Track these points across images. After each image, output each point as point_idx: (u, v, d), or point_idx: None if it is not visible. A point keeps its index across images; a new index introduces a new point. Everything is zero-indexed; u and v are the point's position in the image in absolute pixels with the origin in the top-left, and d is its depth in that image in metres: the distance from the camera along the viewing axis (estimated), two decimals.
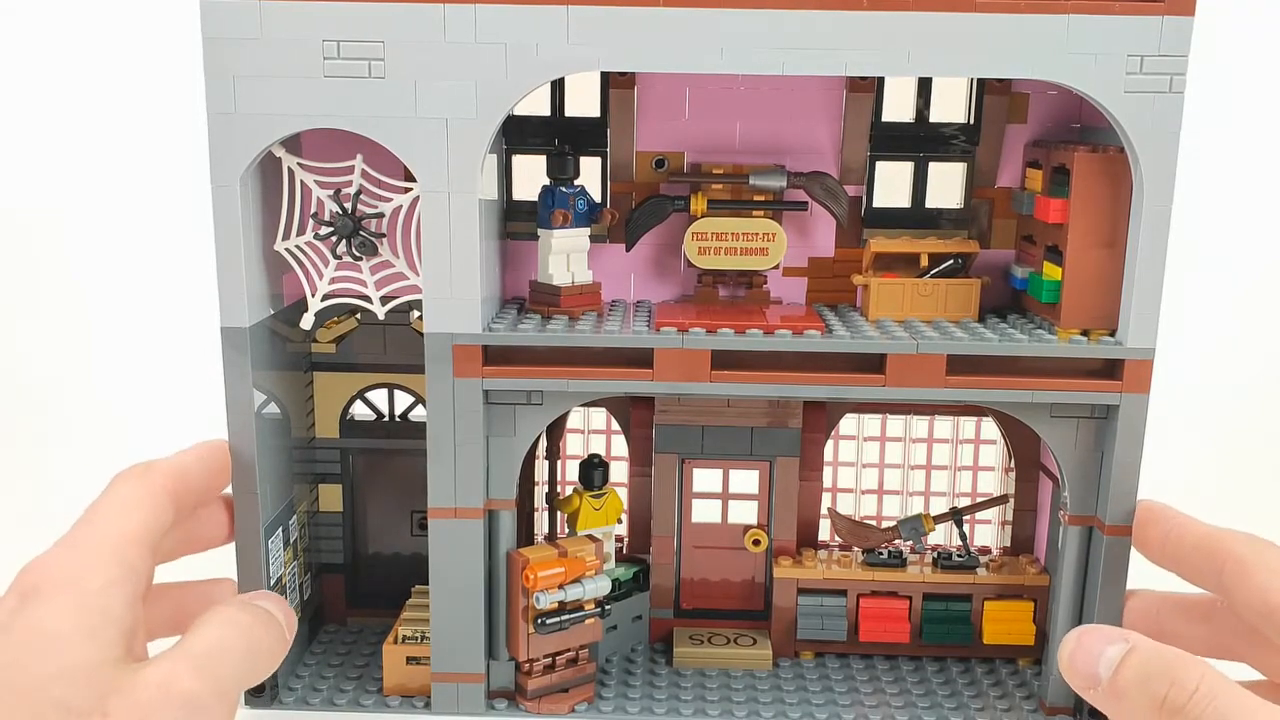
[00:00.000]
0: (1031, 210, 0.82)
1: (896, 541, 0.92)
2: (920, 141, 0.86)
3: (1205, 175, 1.23)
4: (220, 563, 0.81)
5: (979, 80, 0.84)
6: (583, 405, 0.88)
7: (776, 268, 0.87)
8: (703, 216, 0.85)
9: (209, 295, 0.76)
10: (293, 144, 0.77)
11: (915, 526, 0.91)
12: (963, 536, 0.91)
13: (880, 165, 0.86)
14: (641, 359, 0.76)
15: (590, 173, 0.86)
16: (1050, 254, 0.80)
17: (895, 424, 0.95)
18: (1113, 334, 0.77)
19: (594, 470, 0.87)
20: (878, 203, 0.87)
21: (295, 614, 0.63)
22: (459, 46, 0.70)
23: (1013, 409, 0.78)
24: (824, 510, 0.93)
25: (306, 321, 0.80)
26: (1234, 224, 1.45)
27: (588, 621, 0.81)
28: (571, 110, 0.86)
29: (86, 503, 0.67)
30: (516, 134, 0.85)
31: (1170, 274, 0.74)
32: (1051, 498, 0.88)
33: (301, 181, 0.77)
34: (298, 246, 0.78)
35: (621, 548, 0.95)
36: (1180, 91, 0.70)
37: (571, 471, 0.93)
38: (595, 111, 0.86)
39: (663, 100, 0.85)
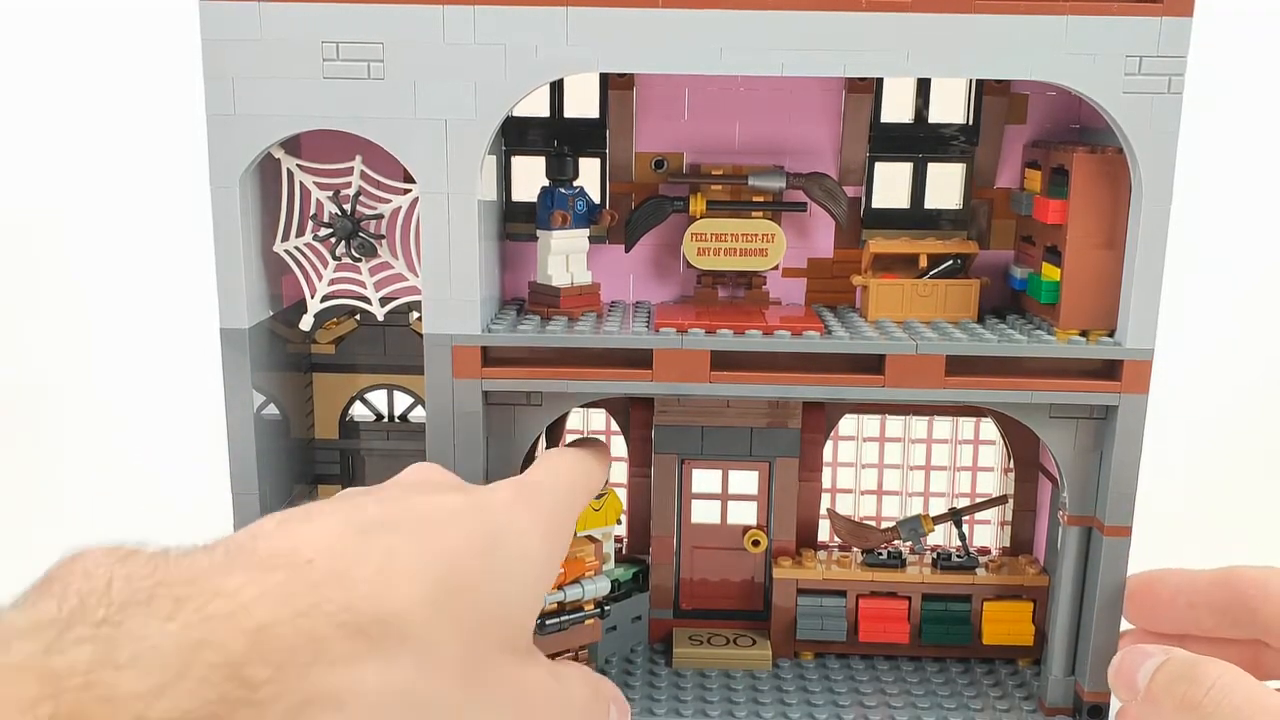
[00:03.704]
0: (1030, 211, 0.82)
1: (896, 542, 0.92)
2: (919, 142, 0.86)
3: (1204, 176, 1.23)
4: None
5: (978, 81, 0.84)
6: (582, 406, 0.89)
7: (776, 268, 0.87)
8: (702, 217, 0.85)
9: (209, 296, 0.76)
10: (292, 145, 0.77)
11: (914, 527, 0.91)
12: (962, 537, 0.91)
13: (879, 166, 0.87)
14: (641, 360, 0.76)
15: (589, 173, 0.86)
16: (1049, 254, 0.80)
17: (894, 424, 0.95)
18: (1112, 334, 0.77)
19: None
20: (877, 203, 0.87)
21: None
22: (458, 47, 0.70)
23: (1012, 409, 0.78)
24: (823, 511, 0.93)
25: (306, 323, 0.80)
26: (1233, 224, 1.45)
27: (587, 622, 0.81)
28: (570, 111, 0.86)
29: (86, 503, 0.67)
30: (516, 135, 0.85)
31: (1169, 274, 0.74)
32: (1051, 498, 0.88)
33: (300, 183, 0.77)
34: (297, 248, 0.78)
35: (621, 548, 0.95)
36: (1179, 92, 0.70)
37: None
38: (594, 112, 0.86)
39: (662, 101, 0.85)
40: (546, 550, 0.57)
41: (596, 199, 0.85)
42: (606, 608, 0.83)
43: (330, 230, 0.77)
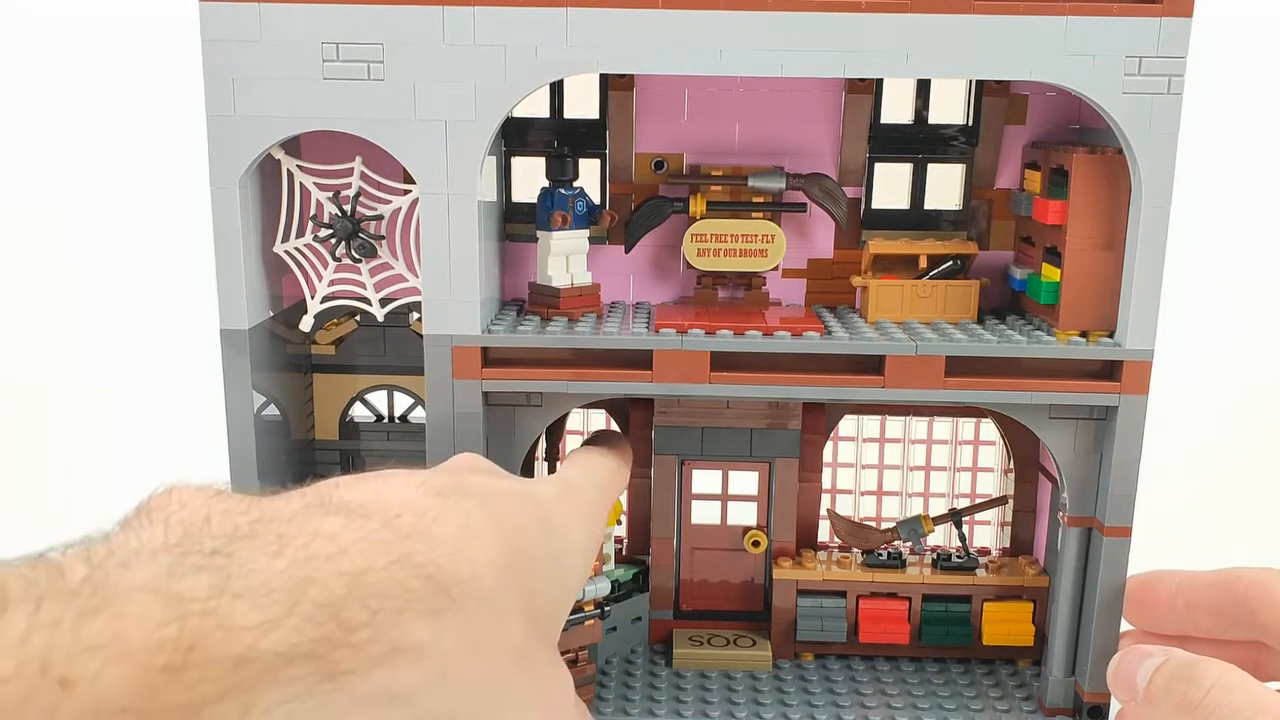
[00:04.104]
0: (1030, 211, 0.82)
1: (896, 543, 0.92)
2: (919, 143, 0.86)
3: (1204, 176, 1.23)
4: None
5: (978, 81, 0.84)
6: (582, 407, 0.88)
7: (775, 269, 0.87)
8: (702, 218, 0.85)
9: (209, 297, 0.76)
10: (292, 146, 0.77)
11: (914, 528, 0.91)
12: (962, 538, 0.91)
13: (879, 167, 0.87)
14: (641, 360, 0.76)
15: (589, 174, 0.86)
16: (1049, 255, 0.80)
17: (894, 425, 0.95)
18: (1111, 335, 0.77)
19: None
20: (876, 204, 0.87)
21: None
22: (458, 49, 0.70)
23: (1011, 410, 0.78)
24: (823, 511, 0.93)
25: (306, 324, 0.80)
26: (1233, 224, 1.45)
27: (587, 623, 0.81)
28: (570, 112, 0.86)
29: (86, 504, 0.67)
30: (515, 135, 0.85)
31: (1169, 275, 0.74)
32: (1051, 499, 0.88)
33: (301, 184, 0.77)
34: (297, 249, 0.78)
35: (621, 549, 0.95)
36: (1178, 93, 0.70)
37: None
38: (594, 113, 0.86)
39: (662, 102, 0.85)
40: (586, 548, 0.59)
41: (596, 200, 0.85)
42: (607, 608, 0.83)
43: (330, 231, 0.77)
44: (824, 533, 0.94)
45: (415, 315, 0.83)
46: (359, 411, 0.93)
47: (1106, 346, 0.76)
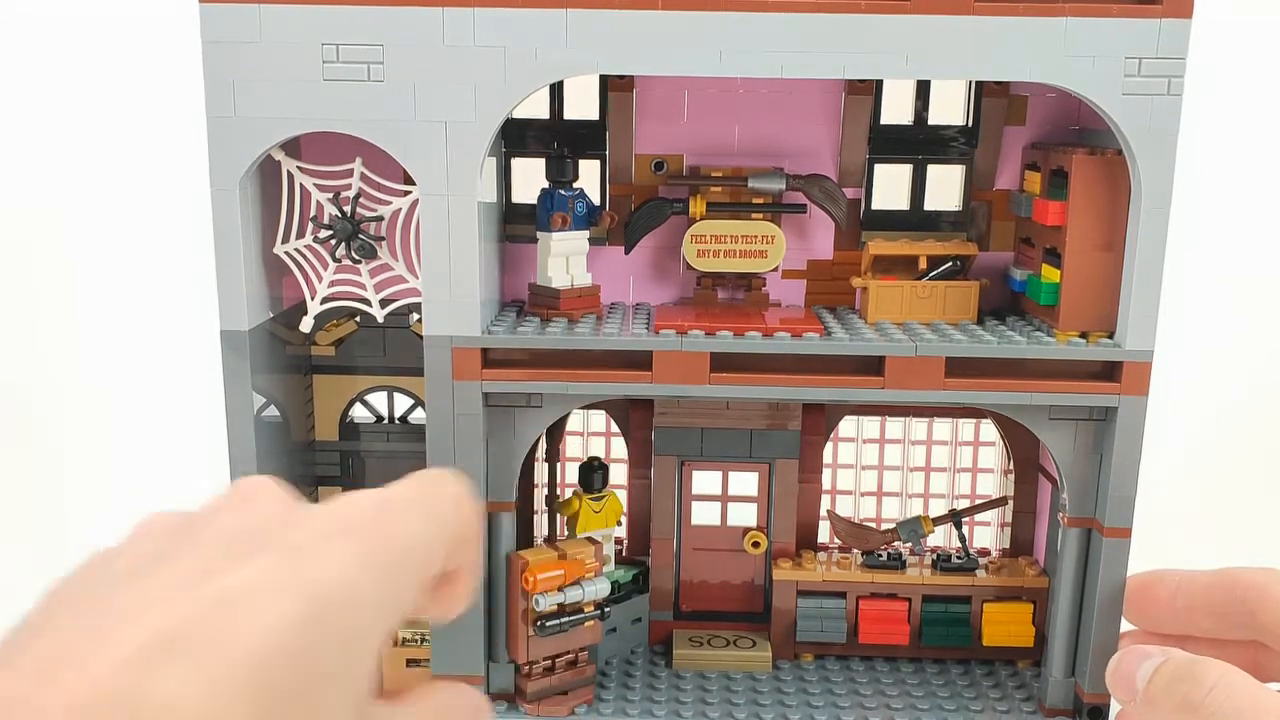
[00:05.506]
0: (1030, 212, 0.82)
1: (896, 543, 0.92)
2: (919, 144, 0.86)
3: (1203, 177, 1.23)
4: None
5: (977, 83, 0.84)
6: (582, 408, 0.88)
7: (775, 270, 0.87)
8: (702, 219, 0.85)
9: (209, 299, 0.76)
10: (292, 147, 0.77)
11: (914, 528, 0.91)
12: (962, 539, 0.91)
13: (879, 168, 0.87)
14: (640, 361, 0.76)
15: (589, 175, 0.86)
16: (1049, 256, 0.80)
17: (894, 426, 0.95)
18: (1111, 336, 0.77)
19: (593, 473, 0.87)
20: (876, 205, 0.87)
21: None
22: (458, 50, 0.70)
23: (1011, 411, 0.78)
24: (823, 512, 0.93)
25: (306, 325, 0.80)
26: (1232, 225, 1.45)
27: (587, 624, 0.81)
28: (570, 113, 0.86)
29: (86, 506, 0.67)
30: (515, 137, 0.85)
31: (1168, 276, 0.74)
32: (1051, 500, 0.88)
33: (301, 185, 0.77)
34: (297, 250, 0.78)
35: (621, 550, 0.95)
36: (1178, 94, 0.71)
37: (571, 474, 0.93)
38: (594, 114, 0.86)
39: (661, 103, 0.85)
40: (374, 596, 0.38)
41: (596, 201, 0.85)
42: (606, 610, 0.83)
43: (330, 232, 0.77)
44: (824, 534, 0.94)
45: (415, 316, 0.83)
46: (359, 412, 0.93)
47: (1106, 347, 0.76)
